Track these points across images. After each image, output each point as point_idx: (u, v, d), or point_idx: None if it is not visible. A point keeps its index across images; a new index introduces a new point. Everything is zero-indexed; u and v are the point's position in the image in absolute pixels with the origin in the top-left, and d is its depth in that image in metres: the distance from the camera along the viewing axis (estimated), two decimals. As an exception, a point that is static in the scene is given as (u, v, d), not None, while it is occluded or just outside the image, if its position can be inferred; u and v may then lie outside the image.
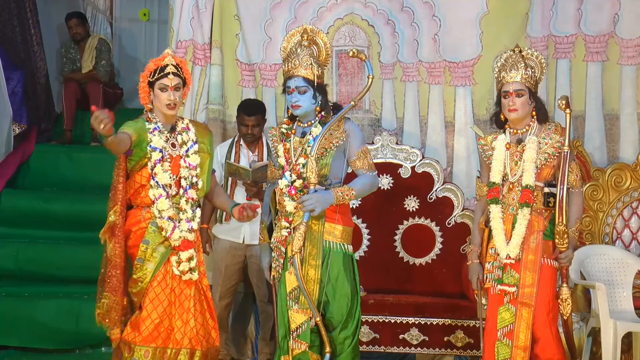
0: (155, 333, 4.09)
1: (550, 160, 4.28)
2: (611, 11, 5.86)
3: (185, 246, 4.14)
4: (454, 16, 5.98)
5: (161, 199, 4.11)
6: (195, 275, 4.17)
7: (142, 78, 4.21)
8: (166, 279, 4.14)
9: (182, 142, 4.22)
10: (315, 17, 6.08)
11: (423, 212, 5.75)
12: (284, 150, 4.23)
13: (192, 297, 4.16)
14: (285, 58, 4.23)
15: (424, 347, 5.26)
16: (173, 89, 4.13)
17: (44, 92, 7.68)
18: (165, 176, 4.12)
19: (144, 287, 4.12)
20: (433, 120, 6.04)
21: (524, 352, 4.17)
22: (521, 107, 4.28)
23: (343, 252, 4.17)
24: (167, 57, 4.18)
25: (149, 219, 4.15)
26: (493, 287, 4.30)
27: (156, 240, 4.14)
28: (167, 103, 4.13)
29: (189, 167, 4.20)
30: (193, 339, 4.12)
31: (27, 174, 7.11)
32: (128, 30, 9.14)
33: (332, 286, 4.12)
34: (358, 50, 4.20)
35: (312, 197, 4.02)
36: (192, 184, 4.21)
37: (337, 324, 4.13)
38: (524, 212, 4.23)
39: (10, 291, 6.07)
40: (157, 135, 4.14)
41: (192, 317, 4.13)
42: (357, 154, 4.19)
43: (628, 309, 5.25)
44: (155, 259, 4.13)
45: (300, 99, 4.15)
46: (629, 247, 5.71)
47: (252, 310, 5.99)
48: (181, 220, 4.15)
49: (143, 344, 4.07)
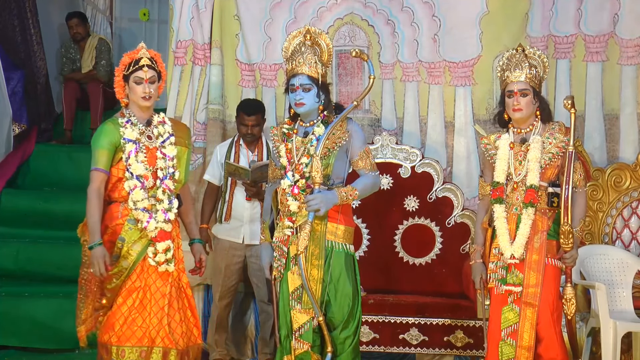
0: (129, 332, 4.07)
1: (554, 160, 4.27)
2: (611, 11, 5.85)
3: (162, 237, 4.12)
4: (454, 16, 5.98)
5: (136, 189, 4.10)
6: (171, 267, 4.15)
7: (117, 72, 4.23)
8: (141, 277, 4.13)
9: (158, 134, 4.22)
10: (315, 17, 6.08)
11: (423, 212, 5.75)
12: (286, 150, 4.23)
13: (167, 295, 4.13)
14: (288, 57, 4.24)
15: (423, 347, 5.26)
16: (148, 81, 4.16)
17: (44, 92, 7.69)
18: (140, 167, 4.12)
19: (118, 284, 4.12)
20: (433, 120, 6.04)
21: (528, 352, 4.17)
22: (526, 106, 4.28)
23: (345, 252, 4.17)
24: (142, 50, 4.24)
25: (126, 215, 4.14)
26: (497, 287, 4.29)
27: (132, 238, 4.13)
28: (143, 95, 4.15)
29: (165, 157, 4.20)
30: (166, 338, 4.08)
31: (27, 173, 7.12)
32: (128, 30, 9.15)
33: (333, 286, 4.13)
34: (360, 50, 4.21)
35: (317, 197, 4.02)
36: (169, 175, 4.20)
37: (339, 323, 4.13)
38: (529, 212, 4.23)
39: (10, 291, 6.07)
40: (129, 128, 4.15)
41: (166, 315, 4.10)
42: (360, 154, 4.20)
43: (628, 309, 5.25)
44: (131, 256, 4.12)
45: (305, 97, 4.15)
46: (629, 247, 5.71)
47: (252, 310, 6.00)
48: (158, 211, 4.13)
49: (119, 344, 4.06)
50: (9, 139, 7.03)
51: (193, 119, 6.10)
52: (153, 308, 4.11)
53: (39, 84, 7.60)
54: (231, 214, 5.53)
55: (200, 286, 6.04)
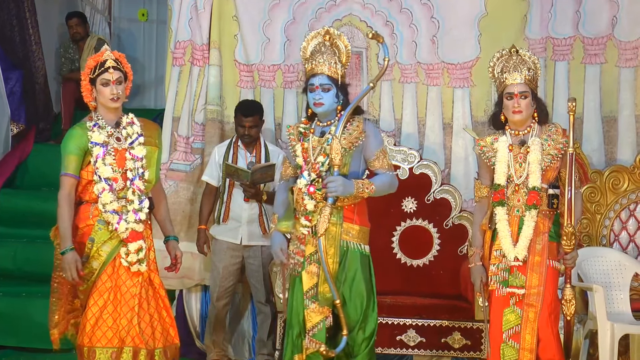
0: (99, 333, 4.08)
1: (554, 161, 4.28)
2: (609, 13, 5.85)
3: (134, 237, 4.13)
4: (452, 17, 5.98)
5: (104, 192, 4.11)
6: (143, 266, 4.16)
7: (83, 76, 4.24)
8: (112, 278, 4.14)
9: (126, 135, 4.23)
10: (314, 18, 6.07)
11: (421, 213, 5.75)
12: (302, 150, 4.25)
13: (137, 296, 4.13)
14: (307, 57, 4.27)
15: (421, 349, 5.26)
16: (115, 82, 4.16)
17: (42, 91, 7.69)
18: (108, 169, 4.13)
19: (89, 286, 4.13)
20: (431, 122, 6.04)
21: (531, 354, 4.18)
22: (525, 108, 4.28)
23: (360, 252, 4.20)
24: (106, 53, 4.24)
25: (96, 215, 4.15)
26: (498, 289, 4.29)
27: (102, 238, 4.14)
28: (111, 97, 4.16)
29: (135, 158, 4.20)
30: (137, 337, 4.09)
31: (25, 173, 7.12)
32: (127, 30, 9.15)
33: (348, 285, 4.16)
34: (377, 32, 4.24)
35: (337, 180, 4.05)
36: (139, 175, 4.20)
37: (354, 324, 4.17)
38: (532, 214, 4.23)
39: (8, 291, 6.08)
40: (96, 132, 4.16)
41: (136, 315, 4.11)
42: (376, 154, 4.22)
43: (625, 311, 5.26)
44: (101, 257, 4.13)
45: (324, 97, 4.18)
46: (627, 250, 5.71)
47: (249, 311, 5.99)
48: (129, 211, 4.14)
49: (90, 345, 4.08)
50: (7, 139, 7.03)
51: (191, 119, 6.10)
52: (123, 308, 4.12)
53: (37, 83, 7.60)
54: (229, 214, 5.53)
55: (197, 287, 6.04)
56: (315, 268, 4.15)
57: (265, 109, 5.76)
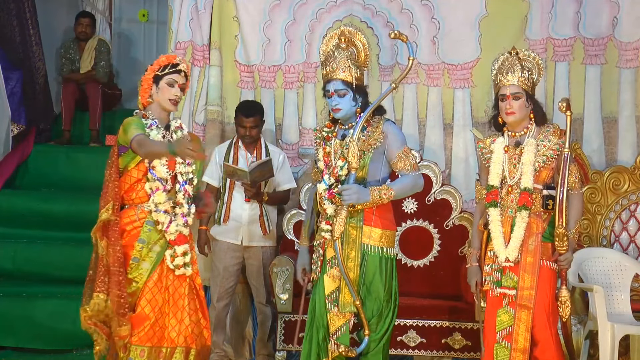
0: (151, 332, 4.08)
1: (548, 162, 4.27)
2: (610, 14, 5.86)
3: (181, 240, 4.15)
4: (453, 18, 5.99)
5: (158, 192, 4.11)
6: (189, 270, 4.18)
7: (149, 70, 4.20)
8: (162, 278, 4.14)
9: (176, 139, 4.22)
10: (314, 18, 6.08)
11: (421, 214, 5.75)
12: (324, 154, 4.25)
13: (186, 296, 4.17)
14: (323, 61, 4.26)
15: (421, 349, 5.26)
16: (180, 86, 4.17)
17: (43, 92, 7.68)
18: (163, 170, 4.13)
19: (139, 287, 4.11)
20: (432, 123, 6.04)
21: (523, 355, 4.17)
22: (518, 109, 4.27)
23: (379, 256, 4.16)
24: (179, 58, 4.24)
25: (143, 217, 4.15)
26: (492, 290, 4.29)
27: (152, 239, 4.14)
28: (173, 98, 4.16)
29: (185, 163, 4.21)
30: (188, 337, 4.12)
31: (25, 174, 7.11)
32: (127, 31, 9.14)
33: (366, 288, 4.15)
34: (399, 31, 4.21)
35: (351, 188, 4.03)
36: (189, 180, 4.22)
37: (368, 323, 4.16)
38: (523, 214, 4.23)
39: (7, 291, 6.07)
40: (155, 130, 4.15)
41: (187, 315, 4.14)
42: (398, 154, 4.19)
43: (626, 311, 5.25)
44: (151, 258, 4.12)
45: (340, 102, 4.16)
46: (627, 250, 5.71)
47: (250, 312, 5.99)
48: (177, 214, 4.15)
49: (139, 344, 4.06)
50: (8, 139, 7.02)
51: (192, 120, 6.10)
52: (172, 308, 4.14)
53: (37, 84, 7.59)
54: (230, 215, 5.53)
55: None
56: (336, 272, 4.14)
57: (265, 109, 5.76)
